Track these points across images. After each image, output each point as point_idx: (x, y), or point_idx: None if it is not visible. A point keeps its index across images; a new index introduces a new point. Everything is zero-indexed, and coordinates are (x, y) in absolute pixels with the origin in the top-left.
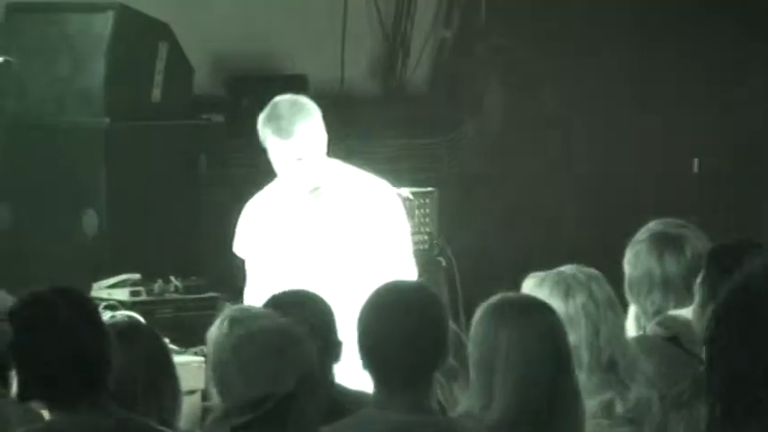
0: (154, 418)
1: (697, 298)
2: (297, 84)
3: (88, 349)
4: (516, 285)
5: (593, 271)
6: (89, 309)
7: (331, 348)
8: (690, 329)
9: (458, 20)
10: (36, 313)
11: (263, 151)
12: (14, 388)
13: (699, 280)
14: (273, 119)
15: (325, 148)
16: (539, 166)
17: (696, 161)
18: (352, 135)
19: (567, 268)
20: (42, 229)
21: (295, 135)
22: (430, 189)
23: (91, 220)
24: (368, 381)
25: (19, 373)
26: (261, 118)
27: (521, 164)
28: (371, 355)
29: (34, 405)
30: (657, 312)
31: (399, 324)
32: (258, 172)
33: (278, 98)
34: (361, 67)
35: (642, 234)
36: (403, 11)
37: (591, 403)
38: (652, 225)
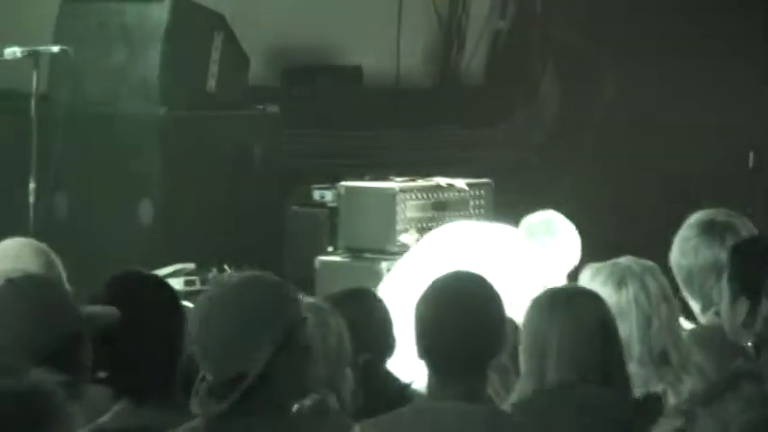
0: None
1: (727, 293)
2: (352, 74)
3: (174, 335)
4: (570, 275)
5: (648, 262)
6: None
7: (385, 343)
8: None
9: (513, 10)
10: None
11: (318, 141)
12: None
13: (726, 276)
14: None
15: None
16: (593, 157)
17: (752, 155)
18: (406, 126)
19: (623, 259)
20: (98, 218)
21: None
22: (485, 180)
23: (146, 210)
24: (421, 369)
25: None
26: None
27: (575, 154)
28: (428, 345)
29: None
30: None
31: (458, 316)
32: (312, 162)
33: None
34: (417, 58)
35: (693, 226)
36: (458, 1)
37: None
38: (698, 216)
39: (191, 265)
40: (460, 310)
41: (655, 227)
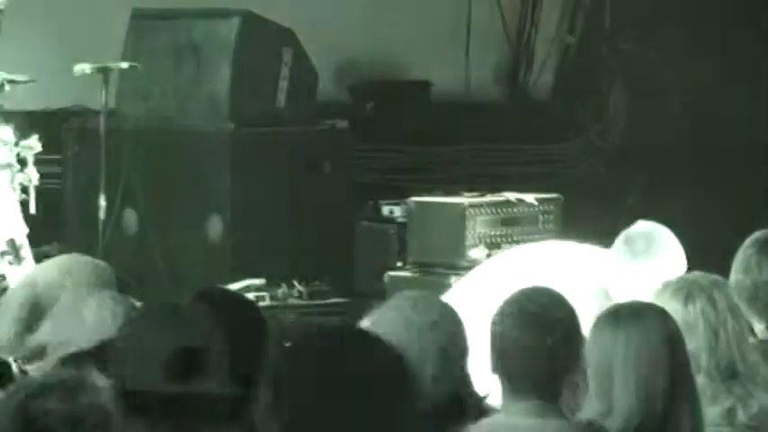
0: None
1: None
2: (421, 90)
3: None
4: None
5: (716, 277)
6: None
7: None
8: None
9: (582, 25)
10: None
11: (387, 156)
12: None
13: None
14: None
15: None
16: (662, 171)
17: None
18: (475, 141)
19: (690, 274)
20: (167, 234)
21: None
22: (554, 195)
23: (216, 226)
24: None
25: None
26: None
27: (644, 168)
28: (504, 360)
29: None
30: None
31: (535, 333)
32: (381, 177)
33: None
34: (486, 73)
35: (756, 242)
36: (527, 17)
37: (712, 410)
38: (761, 233)
39: (260, 281)
40: (538, 328)
41: (724, 241)
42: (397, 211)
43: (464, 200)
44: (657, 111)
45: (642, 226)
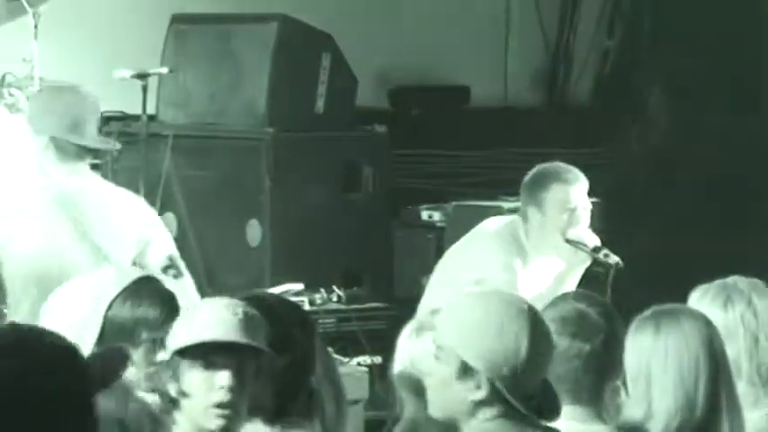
0: (318, 427)
1: None
2: (459, 95)
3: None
4: (679, 296)
5: (756, 281)
6: None
7: None
8: None
9: (621, 30)
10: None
11: (426, 161)
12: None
13: None
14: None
15: None
16: (702, 177)
17: None
18: (514, 146)
19: (730, 279)
20: (207, 238)
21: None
22: (593, 199)
23: (254, 231)
24: None
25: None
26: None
27: (684, 173)
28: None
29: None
30: None
31: (575, 339)
32: (420, 182)
33: None
34: (524, 78)
35: None
36: (566, 21)
37: (753, 415)
38: None
39: (299, 286)
40: (577, 333)
41: (765, 247)
42: (437, 216)
43: (504, 204)
44: (697, 116)
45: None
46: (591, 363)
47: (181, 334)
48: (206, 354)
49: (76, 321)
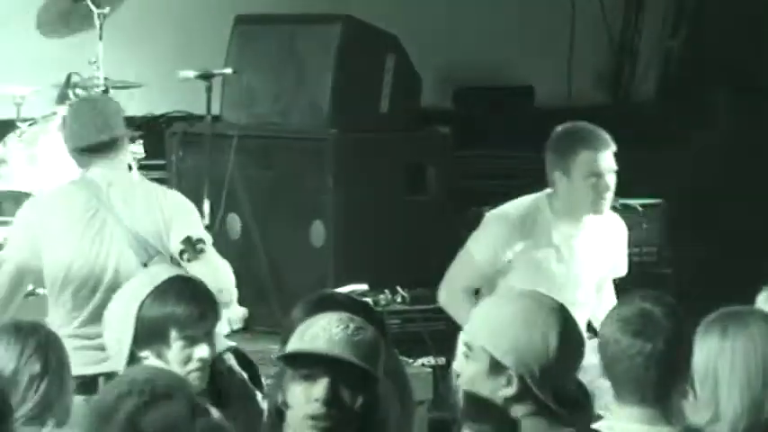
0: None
1: None
2: (523, 95)
3: None
4: (745, 298)
5: None
6: None
7: None
8: None
9: (685, 29)
10: None
11: (489, 162)
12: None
13: None
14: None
15: None
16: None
17: None
18: None
19: None
20: (271, 239)
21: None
22: (657, 201)
23: (318, 232)
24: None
25: None
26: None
27: (749, 173)
28: (610, 366)
29: None
30: None
31: (639, 339)
32: (484, 183)
33: None
34: (588, 78)
35: None
36: (630, 22)
37: None
38: None
39: (363, 287)
40: (641, 333)
41: None
42: None
43: None
44: (763, 115)
45: None
46: (653, 362)
47: (291, 343)
48: (308, 365)
49: (116, 324)
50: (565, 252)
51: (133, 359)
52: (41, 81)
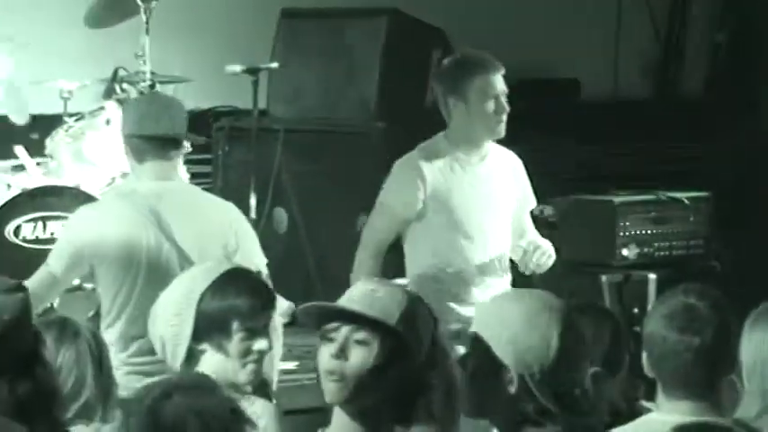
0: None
1: None
2: (570, 88)
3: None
4: None
5: None
6: None
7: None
8: None
9: (732, 23)
10: None
11: (536, 155)
12: None
13: None
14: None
15: None
16: None
17: None
18: (625, 139)
19: None
20: (318, 233)
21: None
22: (705, 194)
23: (365, 225)
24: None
25: None
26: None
27: None
28: (657, 360)
29: None
30: None
31: (685, 333)
32: (531, 177)
33: None
34: (635, 72)
35: None
36: (677, 15)
37: None
38: None
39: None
40: (687, 327)
41: None
42: (548, 211)
43: (615, 198)
44: None
45: None
46: (701, 356)
47: None
48: (324, 322)
49: (174, 317)
50: (469, 180)
51: (191, 354)
52: (88, 76)
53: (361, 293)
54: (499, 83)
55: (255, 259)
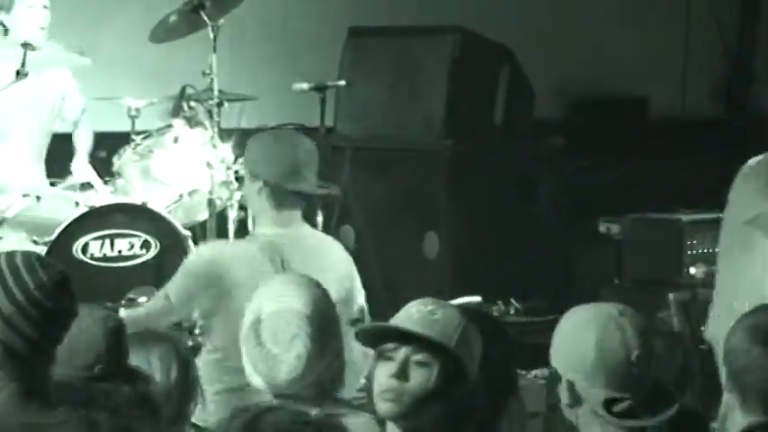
0: None
1: None
2: (638, 106)
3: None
4: None
5: None
6: None
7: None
8: None
9: None
10: None
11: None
12: None
13: None
14: None
15: None
16: None
17: None
18: (693, 157)
19: None
20: (385, 250)
21: None
22: None
23: (432, 243)
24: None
25: None
26: None
27: None
28: (737, 378)
29: None
30: None
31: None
32: (598, 194)
33: None
34: (703, 89)
35: None
36: (746, 34)
37: None
38: None
39: (477, 299)
40: None
41: None
42: (615, 228)
43: (682, 216)
44: None
45: None
46: None
47: None
48: (383, 342)
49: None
50: None
51: None
52: (156, 94)
53: (420, 314)
54: None
55: (360, 299)
